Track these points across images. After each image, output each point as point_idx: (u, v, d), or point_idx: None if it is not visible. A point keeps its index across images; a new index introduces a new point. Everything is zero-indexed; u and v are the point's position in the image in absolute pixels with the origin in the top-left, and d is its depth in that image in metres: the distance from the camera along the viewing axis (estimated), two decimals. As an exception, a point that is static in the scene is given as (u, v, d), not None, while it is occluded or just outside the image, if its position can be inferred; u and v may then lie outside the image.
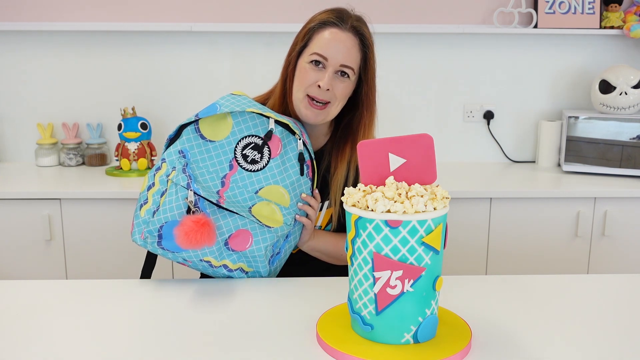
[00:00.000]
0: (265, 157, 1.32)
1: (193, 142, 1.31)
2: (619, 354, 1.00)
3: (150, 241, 1.25)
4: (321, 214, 1.46)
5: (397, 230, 0.94)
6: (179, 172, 1.27)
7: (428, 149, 1.00)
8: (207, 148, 1.31)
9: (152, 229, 1.24)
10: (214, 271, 1.29)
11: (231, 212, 1.27)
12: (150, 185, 1.29)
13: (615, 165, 2.46)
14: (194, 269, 1.31)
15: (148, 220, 1.25)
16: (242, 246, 1.27)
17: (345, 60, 1.36)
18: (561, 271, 2.31)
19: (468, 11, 2.65)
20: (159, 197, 1.26)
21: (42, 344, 1.02)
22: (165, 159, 1.30)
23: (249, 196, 1.30)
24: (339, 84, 1.37)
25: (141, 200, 1.29)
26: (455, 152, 2.76)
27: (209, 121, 1.31)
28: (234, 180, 1.30)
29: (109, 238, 2.23)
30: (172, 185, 1.26)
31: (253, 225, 1.28)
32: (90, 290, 1.25)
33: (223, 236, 1.27)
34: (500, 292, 1.24)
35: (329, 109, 1.39)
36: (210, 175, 1.30)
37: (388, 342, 0.99)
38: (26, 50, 2.61)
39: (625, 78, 2.46)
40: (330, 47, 1.35)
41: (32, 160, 2.68)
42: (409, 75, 2.68)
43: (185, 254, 1.25)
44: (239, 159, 1.31)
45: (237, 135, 1.31)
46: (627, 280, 1.32)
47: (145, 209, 1.26)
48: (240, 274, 1.30)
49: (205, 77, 2.65)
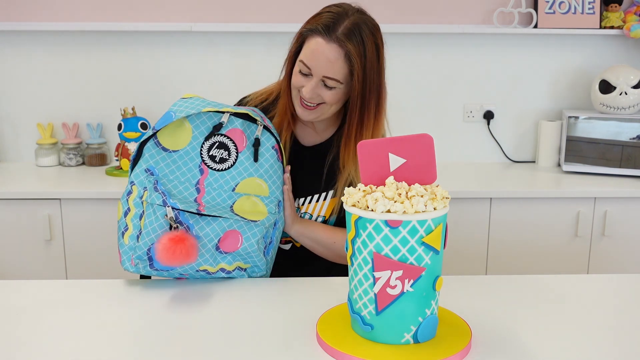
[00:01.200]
0: (233, 152, 1.30)
1: (157, 156, 1.27)
2: (619, 354, 1.00)
3: (142, 266, 1.24)
4: (325, 204, 1.46)
5: (397, 230, 0.94)
6: (151, 191, 1.24)
7: (428, 149, 1.00)
8: (173, 159, 1.28)
9: (140, 254, 1.23)
10: (213, 277, 1.29)
11: (214, 216, 1.25)
12: (125, 211, 1.26)
13: (615, 165, 2.46)
14: (194, 279, 1.30)
15: (134, 245, 1.23)
16: (234, 247, 1.26)
17: (327, 73, 1.32)
18: (561, 271, 2.31)
19: (468, 11, 2.66)
20: (139, 221, 1.24)
21: (42, 344, 1.02)
22: (133, 181, 1.27)
23: (227, 195, 1.29)
24: (325, 92, 1.35)
25: (121, 228, 1.26)
26: (455, 152, 2.76)
27: (167, 132, 1.28)
28: (208, 184, 1.28)
29: (109, 238, 2.22)
30: (148, 207, 1.23)
31: (239, 224, 1.27)
32: (90, 290, 1.25)
33: (212, 242, 1.25)
34: (500, 292, 1.24)
35: (321, 110, 1.38)
36: (184, 185, 1.27)
37: (388, 342, 0.99)
38: (26, 50, 2.61)
39: (625, 78, 2.46)
40: (313, 59, 1.32)
41: (32, 160, 2.68)
42: (409, 75, 2.68)
43: (180, 269, 1.24)
44: (207, 161, 1.29)
45: (199, 138, 1.29)
46: (627, 280, 1.32)
47: (128, 236, 1.24)
48: (240, 273, 1.30)
49: (205, 77, 2.65)
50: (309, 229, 1.42)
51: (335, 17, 1.32)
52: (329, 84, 1.33)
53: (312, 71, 1.33)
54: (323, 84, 1.34)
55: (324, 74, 1.32)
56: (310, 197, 1.46)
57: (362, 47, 1.31)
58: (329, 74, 1.32)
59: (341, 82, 1.34)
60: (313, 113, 1.38)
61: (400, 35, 2.61)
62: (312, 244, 1.43)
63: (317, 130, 1.49)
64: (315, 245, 1.43)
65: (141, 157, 1.28)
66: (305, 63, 1.33)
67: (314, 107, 1.37)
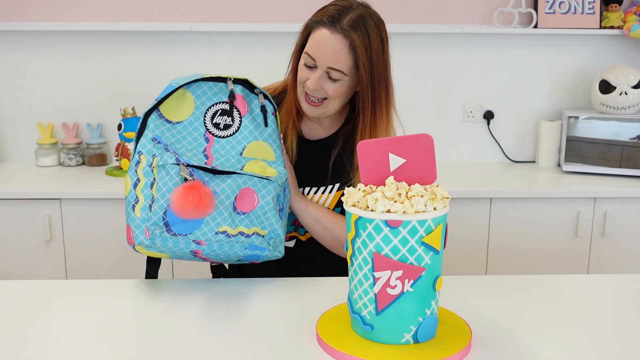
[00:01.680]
0: (237, 118, 1.31)
1: (161, 127, 1.26)
2: (619, 353, 1.00)
3: (158, 233, 1.17)
4: (330, 196, 1.46)
5: (397, 230, 0.94)
6: (161, 155, 1.22)
7: (428, 149, 1.00)
8: (177, 130, 1.27)
9: (155, 219, 1.17)
10: (232, 243, 1.23)
11: (229, 173, 1.25)
12: (135, 182, 1.22)
13: (615, 165, 2.46)
14: (209, 256, 1.23)
15: (147, 216, 1.18)
16: (251, 205, 1.25)
17: (332, 64, 1.33)
18: (561, 271, 2.31)
19: (468, 11, 2.65)
20: (150, 190, 1.20)
21: (42, 344, 1.02)
22: (141, 151, 1.24)
23: (235, 160, 1.29)
24: (329, 85, 1.35)
25: (131, 202, 1.21)
26: (455, 152, 2.76)
27: (169, 104, 1.28)
28: (215, 151, 1.28)
29: (109, 238, 2.23)
30: (159, 170, 1.21)
31: (253, 181, 1.26)
32: (90, 290, 1.24)
33: (229, 199, 1.23)
34: (500, 292, 1.24)
35: (326, 105, 1.39)
36: (192, 152, 1.26)
37: (388, 342, 0.99)
38: (26, 50, 2.61)
39: (625, 78, 2.46)
40: (318, 49, 1.33)
41: (32, 160, 2.68)
42: (409, 75, 2.68)
43: (198, 231, 1.19)
44: (212, 129, 1.29)
45: (202, 107, 1.29)
46: (627, 280, 1.32)
47: (139, 208, 1.19)
48: (259, 239, 1.25)
49: (205, 77, 2.65)
50: (311, 206, 1.42)
51: (341, 10, 1.34)
52: (333, 75, 1.34)
53: (317, 62, 1.34)
54: (327, 76, 1.35)
55: (328, 64, 1.33)
56: (316, 189, 1.46)
57: (366, 39, 1.33)
58: (334, 65, 1.33)
59: (345, 74, 1.34)
60: (318, 109, 1.39)
61: (400, 35, 2.61)
62: (313, 223, 1.41)
63: (323, 125, 1.50)
64: (316, 225, 1.41)
65: (146, 128, 1.26)
66: (310, 54, 1.34)
67: (319, 103, 1.38)
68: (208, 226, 1.20)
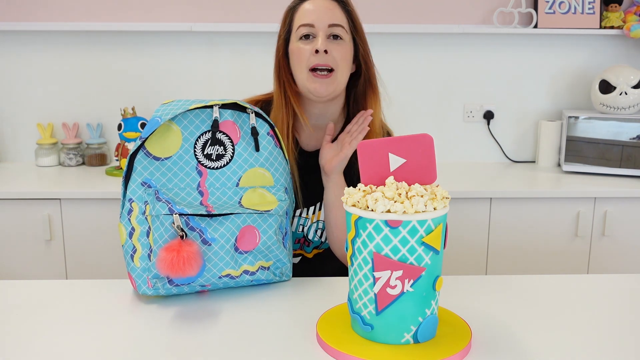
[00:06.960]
0: (229, 146, 1.23)
1: (150, 167, 1.19)
2: (619, 354, 1.00)
3: (160, 284, 1.16)
4: None
5: (397, 230, 0.94)
6: (153, 203, 1.16)
7: (428, 149, 1.00)
8: (167, 167, 1.19)
9: (155, 272, 1.15)
10: (237, 282, 1.21)
11: (226, 215, 1.18)
12: (130, 232, 1.18)
13: (615, 165, 2.46)
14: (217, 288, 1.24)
15: (146, 266, 1.16)
16: (253, 243, 1.20)
17: (331, 20, 1.35)
18: (561, 271, 2.31)
19: (468, 11, 2.66)
20: (146, 239, 1.16)
21: (42, 344, 1.02)
22: (132, 198, 1.18)
23: (232, 192, 1.22)
24: (335, 47, 1.35)
25: (129, 251, 1.18)
26: (455, 152, 2.76)
27: (155, 140, 1.19)
28: (210, 185, 1.21)
29: (109, 238, 2.23)
30: (153, 220, 1.15)
31: (253, 218, 1.19)
32: (90, 290, 1.24)
33: (230, 242, 1.18)
34: (500, 292, 1.24)
35: (334, 77, 1.36)
36: (185, 191, 1.19)
37: (388, 342, 0.99)
38: (26, 50, 2.61)
39: (625, 78, 2.46)
40: (314, 13, 1.35)
41: (32, 160, 2.68)
42: (408, 75, 2.68)
43: (201, 279, 1.16)
44: (203, 160, 1.21)
45: (190, 139, 1.21)
46: (627, 280, 1.32)
47: (138, 258, 1.16)
48: (264, 273, 1.23)
49: (205, 77, 2.65)
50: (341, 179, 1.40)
51: None
52: (335, 31, 1.36)
53: (316, 25, 1.35)
54: (331, 38, 1.36)
55: (328, 22, 1.35)
56: (319, 204, 1.45)
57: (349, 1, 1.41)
58: (333, 20, 1.35)
59: (346, 31, 1.37)
60: (330, 82, 1.36)
61: (400, 35, 2.61)
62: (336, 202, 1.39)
63: (319, 136, 1.47)
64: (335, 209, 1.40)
65: (133, 171, 1.19)
66: (306, 23, 1.36)
67: (327, 74, 1.36)
68: (210, 272, 1.17)
